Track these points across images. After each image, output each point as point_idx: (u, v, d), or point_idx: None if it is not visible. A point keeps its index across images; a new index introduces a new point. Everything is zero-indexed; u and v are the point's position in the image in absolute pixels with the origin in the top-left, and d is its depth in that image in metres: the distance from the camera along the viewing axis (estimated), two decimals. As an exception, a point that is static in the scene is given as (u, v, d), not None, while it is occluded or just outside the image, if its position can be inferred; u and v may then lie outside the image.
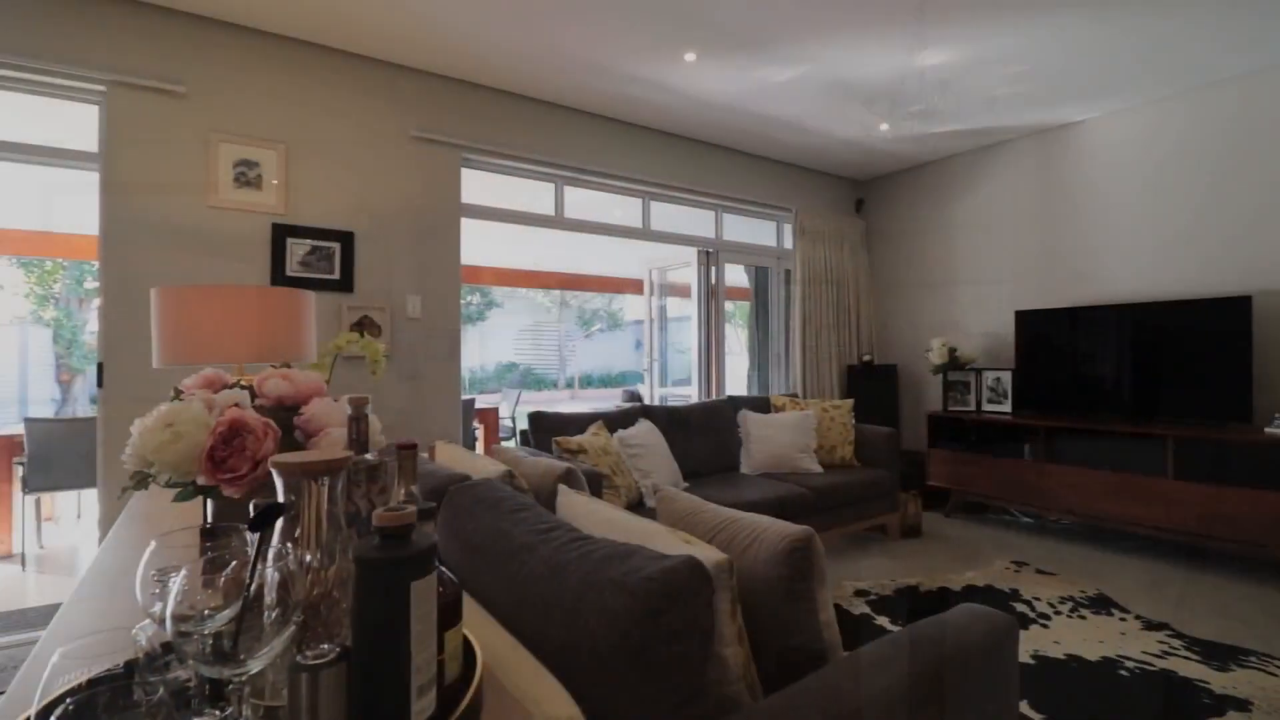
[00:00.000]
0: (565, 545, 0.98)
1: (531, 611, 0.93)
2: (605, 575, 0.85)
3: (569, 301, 14.64)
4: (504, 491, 1.27)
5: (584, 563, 0.90)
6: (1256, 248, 3.41)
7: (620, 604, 0.79)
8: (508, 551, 1.04)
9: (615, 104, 3.78)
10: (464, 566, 1.15)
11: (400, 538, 0.64)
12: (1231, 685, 2.12)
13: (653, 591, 0.78)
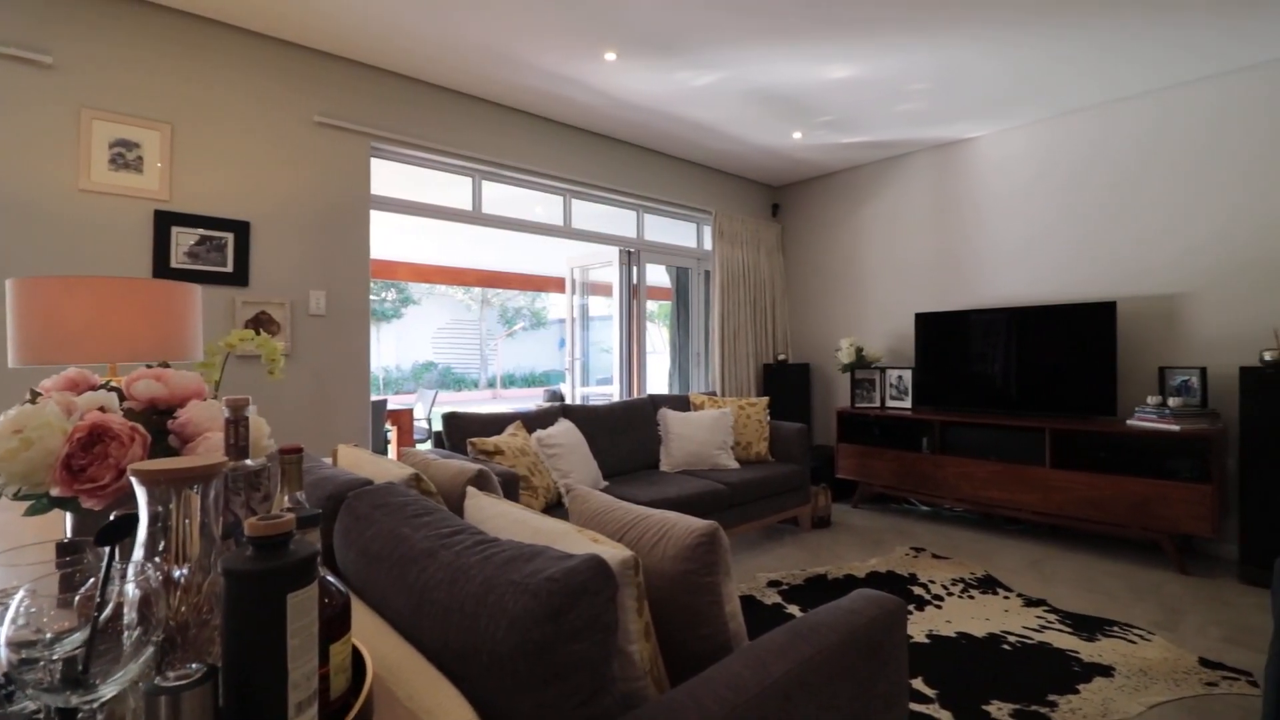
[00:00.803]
0: (469, 549, 0.95)
1: (431, 619, 0.90)
2: (507, 578, 0.83)
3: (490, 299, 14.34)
4: (407, 496, 1.22)
5: (486, 566, 0.88)
6: (1120, 257, 3.79)
7: (521, 606, 0.78)
8: (408, 558, 1.00)
9: (537, 100, 3.73)
10: (361, 575, 1.10)
11: (275, 547, 0.60)
12: (1098, 654, 2.34)
13: (555, 591, 0.77)
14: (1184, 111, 3.57)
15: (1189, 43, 3.11)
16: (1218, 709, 1.98)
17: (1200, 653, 2.34)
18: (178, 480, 0.69)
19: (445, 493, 1.63)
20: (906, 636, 1.14)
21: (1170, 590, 2.97)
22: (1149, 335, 3.67)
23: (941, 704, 1.99)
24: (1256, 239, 3.34)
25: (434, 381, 13.08)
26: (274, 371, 1.67)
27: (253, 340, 1.65)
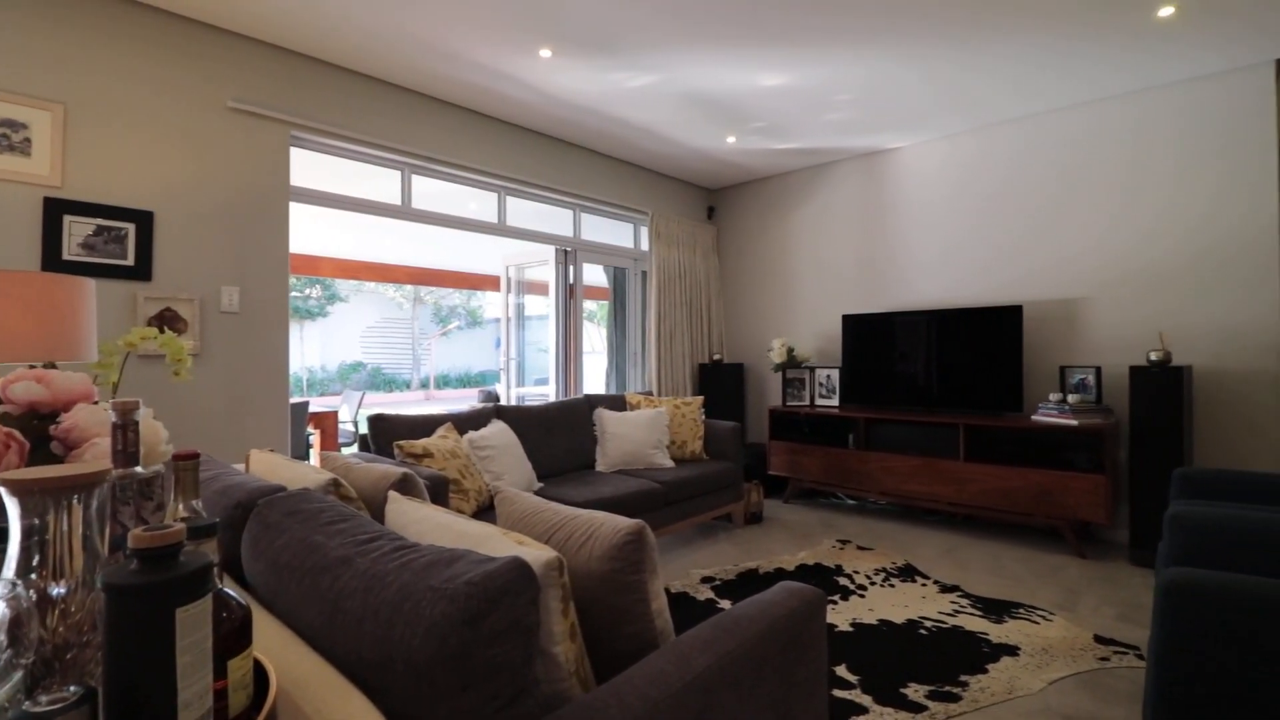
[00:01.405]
0: (386, 555, 0.92)
1: (344, 629, 0.86)
2: (425, 583, 0.81)
3: (423, 297, 13.92)
4: (323, 502, 1.17)
5: (404, 572, 0.86)
6: (1027, 264, 4.06)
7: (439, 611, 0.76)
8: (320, 566, 0.96)
9: (471, 94, 3.65)
10: (271, 587, 1.05)
11: (163, 559, 0.56)
12: (1005, 635, 2.49)
13: (473, 595, 0.75)
14: (1081, 129, 3.85)
15: (1086, 68, 3.36)
16: (1109, 681, 2.15)
17: (1095, 630, 2.54)
18: (55, 490, 0.64)
19: (368, 498, 1.58)
20: (825, 626, 1.18)
21: (1070, 573, 3.20)
22: (1052, 336, 3.95)
23: (863, 689, 2.08)
24: (1144, 249, 3.65)
25: (362, 383, 12.58)
26: (180, 373, 1.56)
27: (156, 339, 1.54)
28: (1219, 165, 3.43)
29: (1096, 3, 2.74)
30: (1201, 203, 3.48)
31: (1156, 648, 1.31)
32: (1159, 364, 3.27)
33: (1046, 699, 2.04)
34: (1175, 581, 1.27)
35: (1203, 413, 3.48)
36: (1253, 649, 1.20)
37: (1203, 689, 1.24)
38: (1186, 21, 2.91)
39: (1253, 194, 3.35)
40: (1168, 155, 3.58)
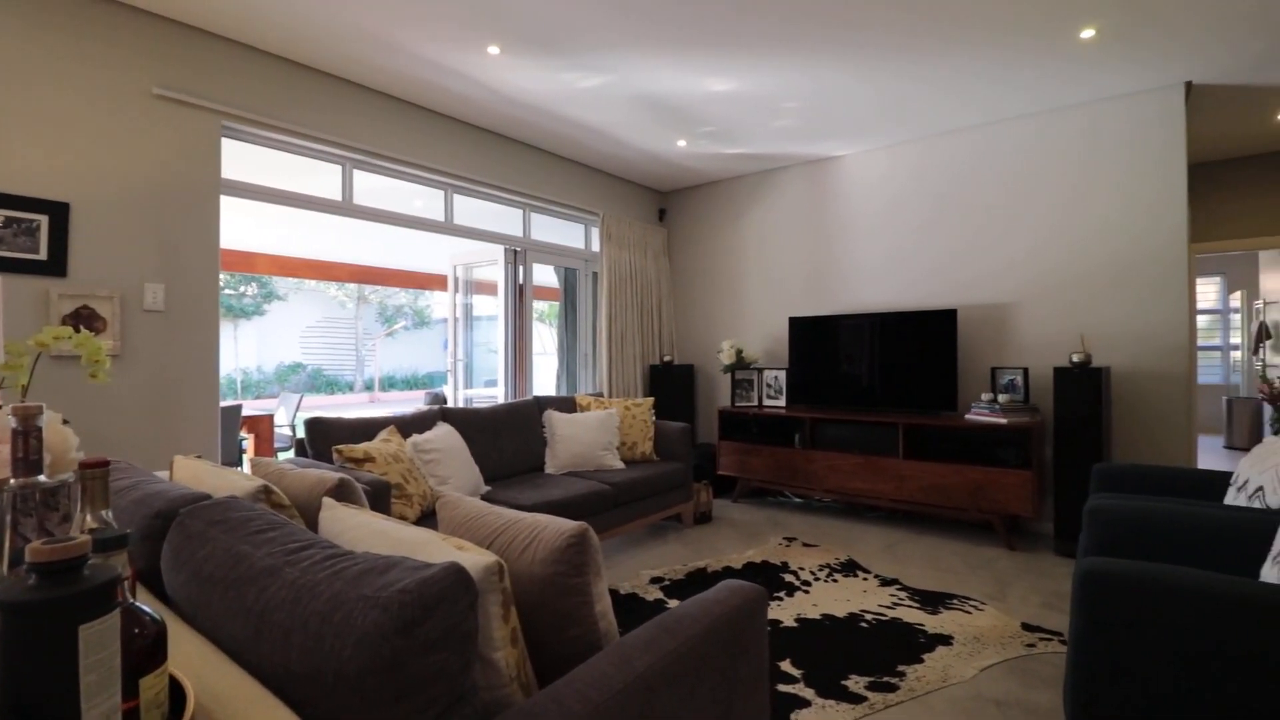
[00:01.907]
0: (317, 564, 0.89)
1: (271, 642, 0.83)
2: (358, 592, 0.79)
3: (368, 296, 13.50)
4: (251, 510, 1.12)
5: (335, 581, 0.83)
6: (962, 270, 4.24)
7: (371, 620, 0.74)
8: (246, 577, 0.92)
9: (416, 88, 3.56)
10: (193, 600, 1.00)
11: (64, 573, 0.52)
12: (940, 625, 2.60)
13: (407, 603, 0.74)
14: (1012, 143, 4.06)
15: (1018, 84, 3.54)
16: (1035, 667, 2.26)
17: (1023, 618, 2.67)
18: (-60, 502, 0.59)
19: (302, 505, 1.52)
20: (766, 623, 1.21)
21: (1000, 565, 3.36)
22: (984, 339, 4.14)
23: (806, 683, 2.13)
24: (1067, 257, 3.87)
25: (302, 384, 12.10)
26: (97, 374, 1.47)
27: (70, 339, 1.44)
28: (1135, 179, 3.67)
29: (1025, 23, 2.89)
30: (1119, 214, 3.71)
31: (1075, 633, 1.39)
32: (1080, 365, 3.47)
33: (978, 685, 2.14)
34: (1090, 571, 1.36)
35: (1120, 410, 3.71)
36: (1161, 633, 1.28)
37: (1117, 671, 1.33)
38: (1106, 44, 3.10)
39: (1164, 207, 3.59)
40: (1089, 169, 3.81)
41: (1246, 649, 1.21)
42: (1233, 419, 6.97)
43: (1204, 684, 1.24)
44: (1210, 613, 1.24)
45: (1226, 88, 3.61)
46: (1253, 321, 7.57)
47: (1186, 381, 3.56)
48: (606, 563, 3.38)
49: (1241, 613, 1.22)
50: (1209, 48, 3.14)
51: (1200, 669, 1.24)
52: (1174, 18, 2.86)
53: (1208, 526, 1.85)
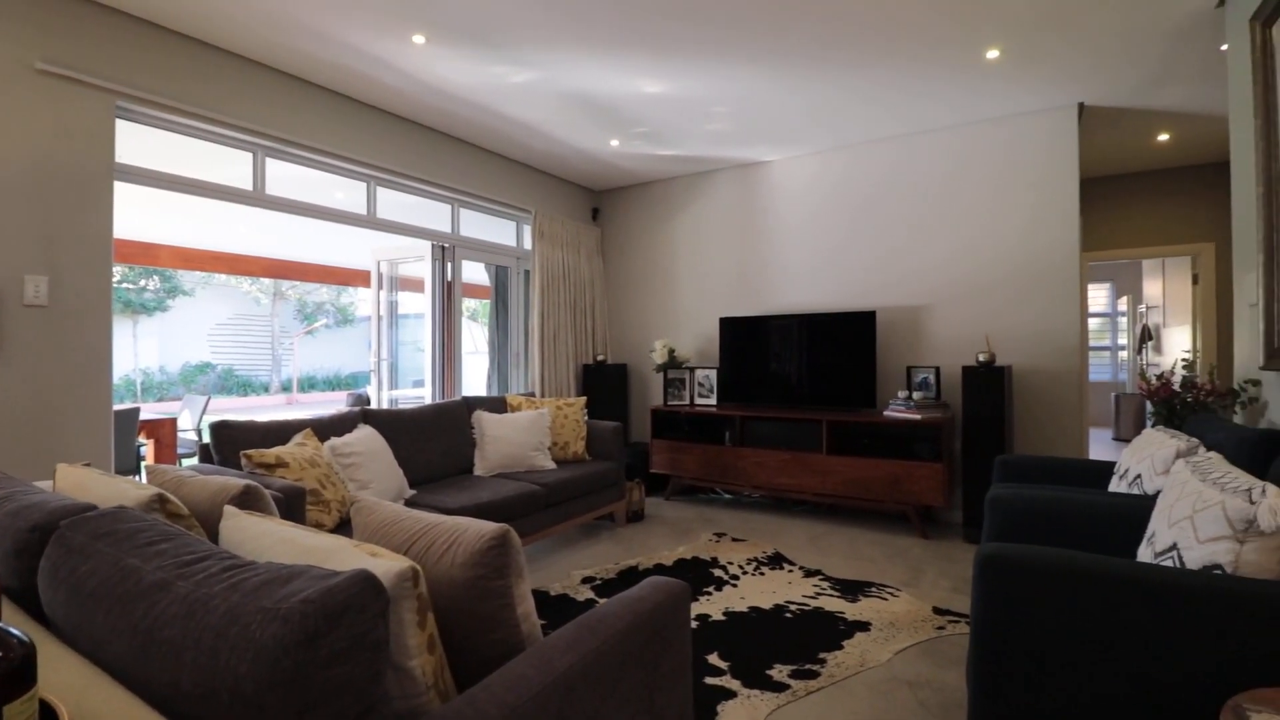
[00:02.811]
0: (213, 577, 0.84)
1: (160, 660, 0.77)
2: (256, 604, 0.74)
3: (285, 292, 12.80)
4: (142, 522, 1.04)
5: (233, 594, 0.78)
6: (882, 273, 4.44)
7: (270, 634, 0.70)
8: (134, 593, 0.85)
9: (335, 74, 3.40)
10: (73, 619, 0.92)
11: (-100, 597, 0.47)
12: (859, 613, 2.72)
13: (310, 614, 0.70)
14: (932, 154, 4.29)
15: (937, 94, 3.74)
16: (944, 648, 2.40)
17: (934, 602, 2.83)
18: None
19: (203, 515, 1.42)
20: (690, 617, 1.23)
21: (915, 553, 3.54)
22: (900, 339, 4.35)
23: (733, 674, 2.18)
24: (977, 263, 4.12)
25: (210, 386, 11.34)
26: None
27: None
28: (1036, 192, 3.95)
29: (937, 40, 3.06)
30: (1022, 224, 3.99)
31: (975, 614, 1.49)
32: (985, 364, 3.70)
33: (892, 668, 2.25)
34: (987, 556, 1.45)
35: (1020, 406, 3.99)
36: (1050, 610, 1.39)
37: (1013, 648, 1.43)
38: (1009, 64, 3.32)
39: (1059, 219, 3.89)
40: (1000, 181, 4.07)
41: (1124, 622, 1.32)
42: (1120, 413, 7.63)
43: (1089, 655, 1.35)
44: (1092, 591, 1.35)
45: (1114, 109, 3.94)
46: (1137, 324, 8.32)
47: (1079, 379, 3.87)
48: (538, 564, 3.35)
49: (1119, 590, 1.33)
50: (1098, 72, 3.42)
51: (1085, 642, 1.35)
52: (1067, 42, 3.10)
53: (1094, 512, 2.02)
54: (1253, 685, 1.18)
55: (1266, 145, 2.24)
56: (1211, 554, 1.37)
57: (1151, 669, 1.29)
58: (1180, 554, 1.44)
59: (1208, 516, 1.41)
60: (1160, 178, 5.22)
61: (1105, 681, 1.34)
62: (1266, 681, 1.19)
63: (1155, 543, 1.56)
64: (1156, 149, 4.71)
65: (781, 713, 1.97)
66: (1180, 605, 1.28)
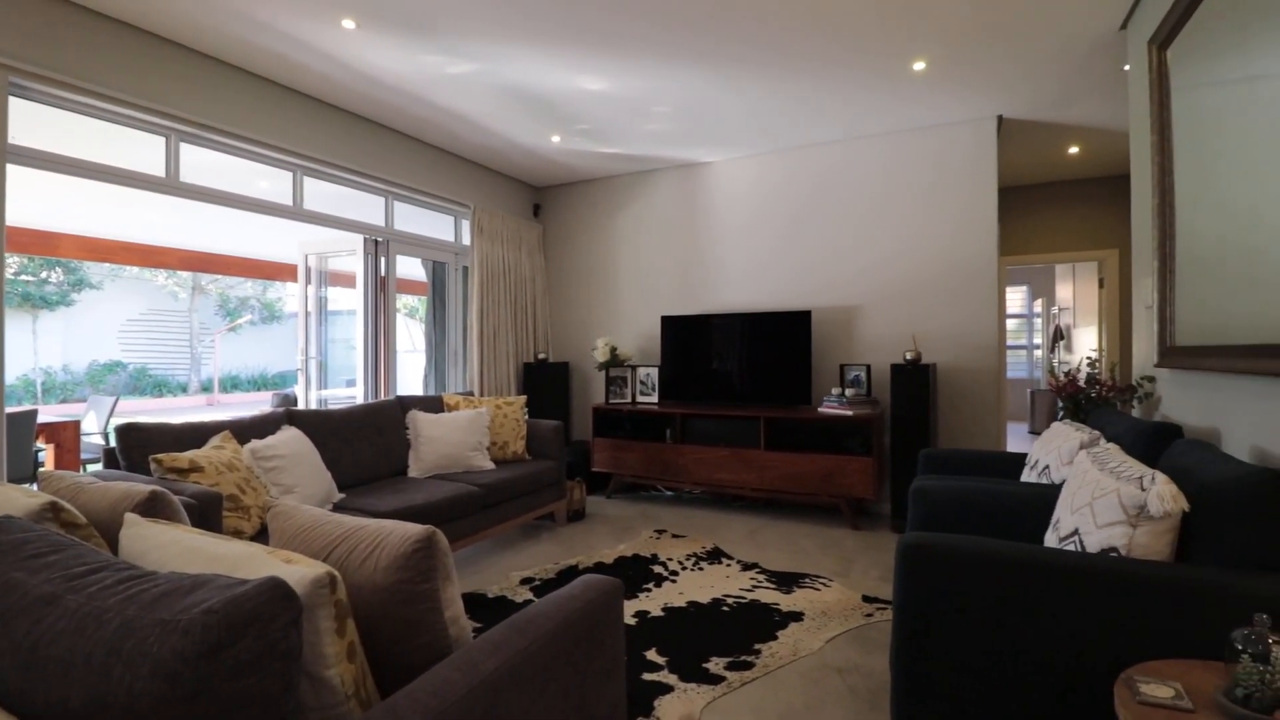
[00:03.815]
0: (108, 589, 0.78)
1: (46, 679, 0.72)
2: (155, 616, 0.70)
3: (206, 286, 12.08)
4: (30, 532, 0.96)
5: (129, 606, 0.73)
6: (819, 274, 4.58)
7: (169, 647, 0.66)
8: (17, 609, 0.79)
9: (257, 57, 3.23)
10: (-57, 640, 0.84)
11: None
12: (793, 603, 2.79)
13: (213, 625, 0.67)
14: (867, 160, 4.44)
15: (870, 102, 3.87)
16: (872, 634, 2.50)
17: (863, 591, 2.94)
18: None
19: (103, 524, 1.33)
20: (622, 614, 1.23)
21: (847, 544, 3.67)
22: (834, 338, 4.50)
23: (670, 669, 2.20)
24: (906, 265, 4.30)
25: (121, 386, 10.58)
26: None
27: None
28: (960, 199, 4.15)
29: (869, 48, 3.17)
30: (947, 230, 4.19)
31: (896, 600, 1.55)
32: (912, 362, 3.87)
33: (824, 655, 2.32)
34: (906, 545, 1.52)
35: (944, 401, 4.19)
36: (964, 594, 1.46)
37: (931, 629, 1.50)
38: (934, 75, 3.47)
39: (980, 224, 4.10)
40: (925, 188, 4.26)
41: (1031, 603, 1.41)
42: (1035, 408, 8.13)
43: (1000, 636, 1.43)
44: (1001, 575, 1.43)
45: (1030, 122, 4.19)
46: (1050, 325, 8.88)
47: (997, 376, 4.10)
48: (476, 566, 3.29)
49: (1025, 573, 1.42)
50: (1014, 87, 3.62)
51: (997, 623, 1.44)
52: (986, 58, 3.27)
53: (1007, 502, 2.14)
54: (1144, 658, 1.28)
55: (1161, 160, 2.42)
56: (1108, 538, 1.48)
57: (1056, 646, 1.38)
58: (1081, 538, 1.55)
59: (1105, 503, 1.51)
60: (1071, 188, 5.58)
61: (1015, 660, 1.42)
62: (1156, 654, 1.29)
63: (1060, 528, 1.66)
64: (1068, 161, 5.03)
65: (717, 704, 2.00)
66: (1080, 586, 1.38)
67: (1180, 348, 2.24)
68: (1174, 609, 1.31)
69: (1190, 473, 1.51)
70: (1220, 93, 2.01)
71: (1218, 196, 2.01)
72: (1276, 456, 1.65)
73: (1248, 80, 1.83)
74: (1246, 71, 1.84)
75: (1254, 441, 1.78)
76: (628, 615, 2.64)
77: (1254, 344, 1.71)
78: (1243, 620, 1.13)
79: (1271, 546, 1.32)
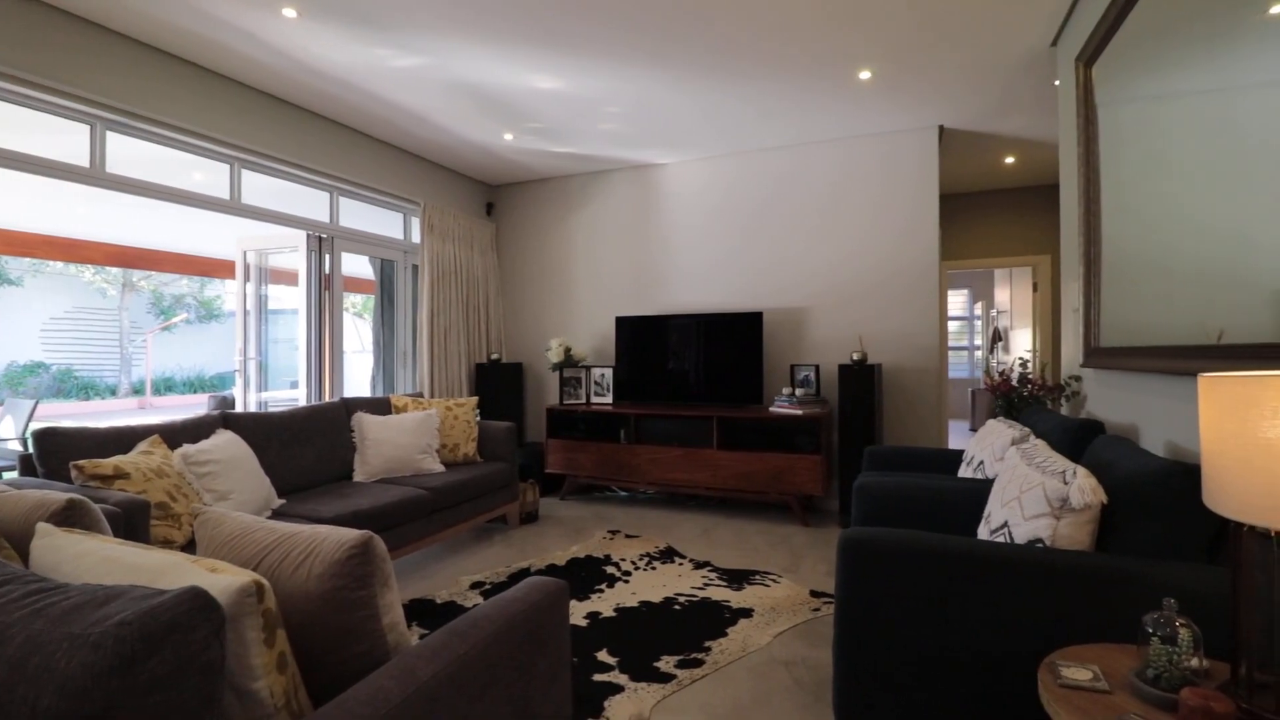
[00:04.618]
0: (14, 603, 0.74)
1: (-64, 705, 0.66)
2: (63, 630, 0.66)
3: (137, 283, 11.47)
4: (-77, 543, 0.89)
5: (35, 621, 0.69)
6: (771, 276, 4.66)
7: (78, 662, 0.62)
8: (-95, 628, 0.73)
9: (191, 44, 3.08)
10: None
11: None
12: (743, 600, 2.83)
13: (125, 638, 0.63)
14: (819, 164, 4.54)
15: (821, 107, 3.96)
16: (819, 628, 2.56)
17: (812, 586, 3.00)
18: None
19: (15, 535, 1.25)
20: (568, 615, 1.22)
21: (796, 540, 3.74)
22: (785, 339, 4.59)
23: (620, 669, 2.20)
24: (854, 268, 4.42)
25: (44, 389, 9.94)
26: None
27: None
28: (904, 206, 4.29)
29: (816, 56, 3.24)
30: (893, 235, 4.32)
31: (838, 594, 1.59)
32: (859, 363, 3.98)
33: (772, 650, 2.36)
34: (846, 539, 1.56)
35: (889, 401, 4.32)
36: (902, 585, 1.51)
37: (871, 620, 1.54)
38: (880, 85, 3.58)
39: (922, 230, 4.25)
40: (873, 194, 4.38)
41: (963, 593, 1.47)
42: (975, 407, 8.47)
43: (934, 625, 1.49)
44: (935, 567, 1.49)
45: (969, 133, 4.36)
46: (989, 327, 9.27)
47: (939, 376, 4.25)
48: (426, 571, 3.22)
49: (957, 565, 1.48)
50: (953, 98, 3.77)
51: (931, 613, 1.49)
52: (926, 69, 3.39)
53: (944, 496, 2.23)
54: (1068, 643, 1.35)
55: (1087, 170, 2.56)
56: (1034, 529, 1.55)
57: (988, 633, 1.45)
58: (1010, 530, 1.62)
59: (1032, 496, 1.59)
60: (1008, 196, 5.84)
61: (948, 648, 1.48)
62: (1079, 639, 1.36)
63: (991, 521, 1.74)
64: (1005, 170, 5.26)
65: (667, 703, 2.02)
66: (1008, 576, 1.44)
67: (1103, 349, 2.37)
68: (1094, 596, 1.39)
69: (1109, 467, 1.60)
70: (1140, 108, 2.14)
71: (1138, 207, 2.13)
72: (1188, 451, 1.76)
73: (1163, 97, 1.96)
74: (1162, 89, 1.96)
75: (1168, 437, 1.90)
76: (579, 617, 2.63)
77: (1168, 345, 1.82)
78: (1155, 605, 1.21)
79: (1180, 536, 1.41)
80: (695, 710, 1.98)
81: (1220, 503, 1.02)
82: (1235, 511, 1.00)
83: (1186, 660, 1.10)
